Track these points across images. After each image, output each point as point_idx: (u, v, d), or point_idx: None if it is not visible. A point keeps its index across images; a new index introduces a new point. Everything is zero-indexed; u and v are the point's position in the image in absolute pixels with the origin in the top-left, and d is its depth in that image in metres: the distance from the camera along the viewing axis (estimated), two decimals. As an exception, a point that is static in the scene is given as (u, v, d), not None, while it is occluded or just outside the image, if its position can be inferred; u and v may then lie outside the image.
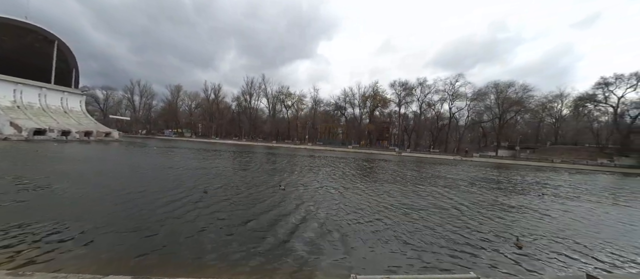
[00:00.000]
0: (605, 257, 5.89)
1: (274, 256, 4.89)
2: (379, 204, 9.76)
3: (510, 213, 9.84)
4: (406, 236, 6.42)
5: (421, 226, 7.42)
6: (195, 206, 8.05)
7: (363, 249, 5.49)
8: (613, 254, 6.10)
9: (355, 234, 6.36)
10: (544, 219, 9.30)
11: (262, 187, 11.82)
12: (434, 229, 7.19)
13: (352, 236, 6.22)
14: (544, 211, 10.51)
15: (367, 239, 6.06)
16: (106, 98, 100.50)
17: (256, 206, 8.58)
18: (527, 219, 9.12)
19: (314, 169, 20.86)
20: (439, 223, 7.76)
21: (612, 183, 23.60)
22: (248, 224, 6.66)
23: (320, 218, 7.56)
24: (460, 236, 6.72)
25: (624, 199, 14.72)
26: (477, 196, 13.03)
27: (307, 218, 7.52)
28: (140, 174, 13.85)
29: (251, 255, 4.87)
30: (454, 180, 18.99)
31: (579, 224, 8.83)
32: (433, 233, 6.83)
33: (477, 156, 52.56)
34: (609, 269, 5.25)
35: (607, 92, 50.33)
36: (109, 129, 50.92)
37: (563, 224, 8.59)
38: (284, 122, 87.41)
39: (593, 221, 9.39)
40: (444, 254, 5.46)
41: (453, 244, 6.07)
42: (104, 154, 24.23)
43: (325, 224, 7.00)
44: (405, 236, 6.47)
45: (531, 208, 10.87)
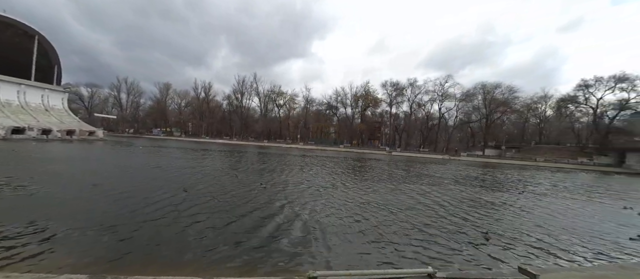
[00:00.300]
0: (565, 249, 6.12)
1: (241, 253, 4.85)
2: (362, 202, 9.83)
3: (488, 208, 10.10)
4: (382, 230, 6.50)
5: (398, 221, 7.52)
6: (176, 207, 7.88)
7: (338, 245, 5.51)
8: (574, 246, 6.35)
9: (332, 231, 6.37)
10: (520, 214, 9.60)
11: (244, 188, 11.71)
12: (411, 224, 7.30)
13: (329, 233, 6.23)
14: (521, 207, 10.85)
15: (344, 235, 6.09)
16: (91, 96, 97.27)
17: (239, 206, 8.48)
18: (503, 214, 9.39)
19: (304, 168, 20.83)
20: (416, 219, 7.88)
21: (589, 181, 24.60)
22: (230, 225, 6.56)
23: (300, 216, 7.55)
24: (434, 230, 6.85)
25: (598, 196, 15.38)
26: (459, 193, 13.32)
27: (288, 217, 7.49)
28: (119, 174, 13.48)
29: (217, 253, 4.82)
30: (439, 178, 19.35)
31: (551, 219, 9.15)
32: (408, 228, 6.93)
33: (465, 156, 53.74)
34: (568, 260, 5.45)
35: (587, 94, 52.50)
36: (93, 128, 49.22)
37: (536, 219, 8.89)
38: (275, 122, 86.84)
39: (567, 216, 9.76)
40: (414, 248, 5.56)
41: (425, 239, 6.18)
42: (84, 154, 23.44)
43: (307, 223, 7.00)
44: (381, 230, 6.54)
45: (509, 204, 11.20)
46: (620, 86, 47.01)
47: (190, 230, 5.88)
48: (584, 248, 6.27)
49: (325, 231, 6.37)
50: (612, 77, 48.09)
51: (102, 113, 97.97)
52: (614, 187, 20.43)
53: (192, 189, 10.33)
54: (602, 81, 49.41)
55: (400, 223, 7.45)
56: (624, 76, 46.40)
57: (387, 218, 7.83)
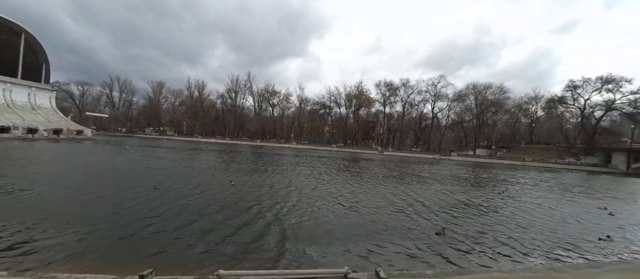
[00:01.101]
0: (514, 248, 6.21)
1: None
2: (334, 202, 9.87)
3: (458, 207, 10.20)
4: (339, 230, 6.53)
5: (362, 222, 7.56)
6: (139, 206, 7.83)
7: (290, 246, 5.52)
8: (525, 246, 6.44)
9: (290, 232, 6.38)
10: (488, 213, 9.73)
11: (213, 189, 11.67)
12: (375, 223, 7.34)
13: (288, 233, 6.25)
14: (493, 206, 10.98)
15: (298, 236, 6.11)
16: (82, 94, 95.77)
17: (204, 206, 8.45)
18: (471, 213, 9.48)
19: (286, 167, 20.81)
20: (381, 218, 7.94)
21: (573, 181, 24.98)
22: (192, 224, 6.53)
23: (267, 216, 7.55)
24: (392, 229, 6.91)
25: (576, 196, 15.64)
26: (435, 193, 13.42)
27: (254, 217, 7.49)
28: (93, 173, 13.32)
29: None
30: (421, 177, 19.48)
31: (517, 217, 9.27)
32: (369, 227, 6.98)
33: (456, 155, 54.21)
34: (515, 259, 5.54)
35: (575, 95, 53.37)
36: (81, 127, 48.51)
37: (503, 218, 9.01)
38: (269, 121, 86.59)
39: (534, 215, 9.88)
40: (367, 246, 5.61)
41: (383, 238, 6.23)
42: (64, 154, 23.11)
43: (266, 223, 7.00)
44: (339, 231, 6.57)
45: (480, 203, 11.32)
46: (606, 87, 47.95)
47: (137, 227, 5.85)
48: (540, 248, 6.36)
49: (285, 231, 6.38)
50: (599, 78, 49.02)
51: (94, 112, 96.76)
52: (596, 187, 20.80)
53: (165, 188, 10.29)
54: (590, 82, 50.35)
55: (363, 223, 7.49)
56: (610, 77, 47.28)
57: (351, 219, 7.87)
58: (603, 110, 49.51)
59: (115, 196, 8.70)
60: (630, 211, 11.92)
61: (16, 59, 47.76)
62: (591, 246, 6.69)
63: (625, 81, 45.49)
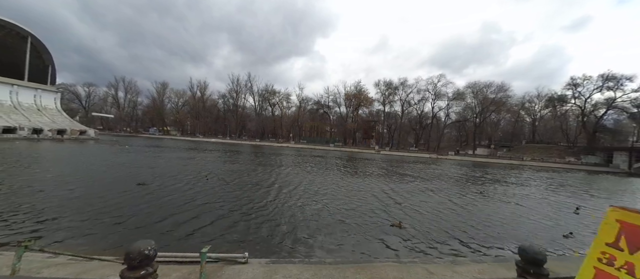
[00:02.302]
0: (463, 241, 6.53)
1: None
2: (309, 198, 10.27)
3: (431, 204, 10.48)
4: (301, 225, 6.94)
5: (327, 221, 7.95)
6: (119, 199, 8.37)
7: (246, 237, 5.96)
8: (473, 240, 6.74)
9: (248, 225, 6.82)
10: (456, 209, 9.99)
11: (192, 185, 12.17)
12: (341, 223, 7.72)
13: (249, 227, 6.69)
14: (466, 203, 11.21)
15: (259, 230, 6.55)
16: (88, 95, 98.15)
17: (188, 201, 8.95)
18: (440, 209, 9.76)
19: (276, 166, 21.27)
20: (348, 216, 8.31)
21: (562, 179, 24.81)
22: (165, 220, 7.03)
23: (234, 211, 8.00)
24: (356, 227, 7.28)
25: (552, 194, 15.70)
26: (414, 195, 13.69)
27: (225, 213, 7.95)
28: (83, 169, 13.98)
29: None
30: (409, 176, 19.71)
31: (483, 214, 9.50)
32: (332, 225, 7.37)
33: (452, 154, 53.96)
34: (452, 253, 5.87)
35: (576, 93, 52.58)
36: (85, 127, 49.94)
37: (468, 214, 9.26)
38: (269, 121, 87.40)
39: (502, 213, 10.08)
40: (327, 241, 6.01)
41: (342, 235, 6.62)
42: (63, 155, 24.02)
43: (234, 218, 7.45)
44: (300, 227, 6.98)
45: (457, 200, 11.56)
46: (607, 85, 47.13)
47: (102, 217, 6.37)
48: (489, 244, 6.65)
49: (248, 226, 6.83)
50: (600, 76, 48.23)
51: (101, 112, 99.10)
52: (586, 187, 20.68)
53: (150, 183, 10.87)
54: (591, 79, 49.57)
55: (327, 221, 7.88)
56: (611, 75, 46.50)
57: (315, 212, 8.26)
58: (604, 108, 48.70)
59: (100, 193, 9.26)
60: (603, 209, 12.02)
61: (23, 62, 49.36)
62: (546, 243, 6.96)
63: (626, 78, 44.73)
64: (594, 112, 50.28)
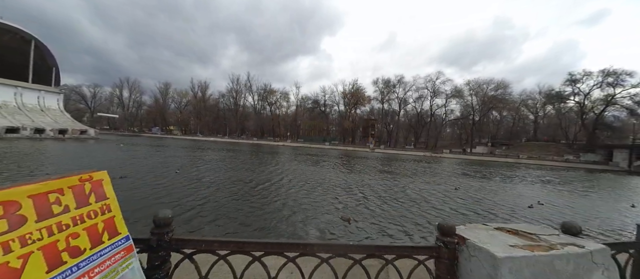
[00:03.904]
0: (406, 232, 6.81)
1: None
2: (275, 193, 10.67)
3: (399, 200, 10.73)
4: (248, 218, 7.34)
5: (285, 217, 8.32)
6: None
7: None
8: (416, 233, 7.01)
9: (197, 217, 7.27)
10: (420, 203, 10.23)
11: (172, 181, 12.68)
12: (297, 219, 8.09)
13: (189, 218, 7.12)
14: (435, 199, 11.41)
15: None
16: (94, 95, 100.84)
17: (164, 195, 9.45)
18: (404, 204, 10.00)
19: (262, 164, 21.73)
20: (307, 211, 8.65)
21: (551, 177, 24.54)
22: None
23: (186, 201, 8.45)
24: (312, 219, 7.63)
25: (530, 191, 15.69)
26: (390, 186, 13.92)
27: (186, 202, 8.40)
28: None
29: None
30: (385, 172, 19.88)
31: (445, 209, 9.71)
32: (282, 210, 7.74)
33: (447, 152, 53.55)
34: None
35: (575, 89, 51.43)
36: (85, 127, 51.58)
37: (429, 210, 9.48)
38: (268, 120, 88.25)
39: (466, 208, 10.27)
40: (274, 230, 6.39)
41: (281, 221, 6.99)
42: (61, 151, 25.00)
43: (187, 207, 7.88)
44: (249, 220, 7.38)
45: (427, 195, 11.75)
46: (607, 81, 45.94)
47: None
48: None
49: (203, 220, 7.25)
50: (600, 71, 47.04)
51: (107, 112, 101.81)
52: (580, 188, 20.45)
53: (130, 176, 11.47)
54: (591, 75, 48.37)
55: (285, 217, 8.24)
56: (611, 71, 45.29)
57: (275, 205, 8.63)
58: (603, 105, 47.51)
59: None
60: (575, 206, 12.03)
61: (27, 64, 51.18)
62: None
63: (626, 74, 43.50)
64: (594, 109, 49.10)
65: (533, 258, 1.36)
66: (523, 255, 1.36)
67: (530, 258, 1.36)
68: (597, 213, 11.02)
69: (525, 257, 1.36)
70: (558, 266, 1.38)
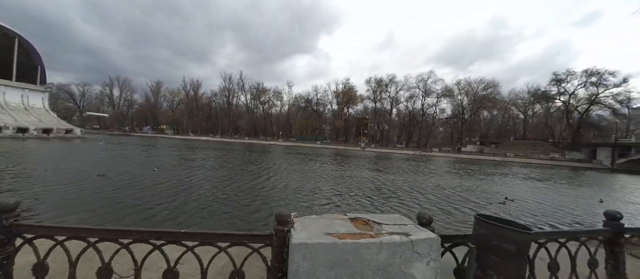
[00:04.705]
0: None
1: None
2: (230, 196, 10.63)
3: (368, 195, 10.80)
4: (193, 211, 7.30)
5: (235, 210, 8.29)
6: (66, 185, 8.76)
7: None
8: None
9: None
10: (390, 199, 10.31)
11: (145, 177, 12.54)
12: (244, 212, 8.07)
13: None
14: (408, 196, 11.53)
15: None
16: (83, 94, 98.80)
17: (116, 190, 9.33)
18: (372, 204, 10.08)
19: (245, 164, 21.62)
20: (254, 205, 8.65)
21: (532, 174, 25.00)
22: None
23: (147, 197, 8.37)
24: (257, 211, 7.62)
25: (500, 187, 15.95)
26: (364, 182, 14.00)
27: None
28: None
29: None
30: (369, 168, 20.00)
31: (414, 203, 9.82)
32: (232, 212, 7.72)
33: (436, 151, 54.10)
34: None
35: (561, 89, 52.44)
36: (71, 126, 50.54)
37: (394, 204, 9.58)
38: (260, 119, 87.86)
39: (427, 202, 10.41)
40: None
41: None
42: (44, 151, 24.47)
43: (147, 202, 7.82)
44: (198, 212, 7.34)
45: (399, 190, 11.87)
46: (591, 81, 46.97)
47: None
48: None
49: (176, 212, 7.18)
50: (584, 71, 48.06)
51: (97, 112, 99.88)
52: (557, 185, 20.85)
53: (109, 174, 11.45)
54: (575, 75, 49.38)
55: (233, 211, 8.22)
56: (594, 71, 46.32)
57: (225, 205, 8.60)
58: (588, 104, 48.56)
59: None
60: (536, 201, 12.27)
61: (10, 62, 49.88)
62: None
63: (609, 74, 44.56)
64: (578, 108, 50.14)
65: (333, 246, 1.39)
66: (319, 242, 1.39)
67: (329, 246, 1.39)
68: (563, 207, 11.29)
69: (322, 244, 1.38)
70: (365, 255, 1.40)
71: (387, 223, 1.79)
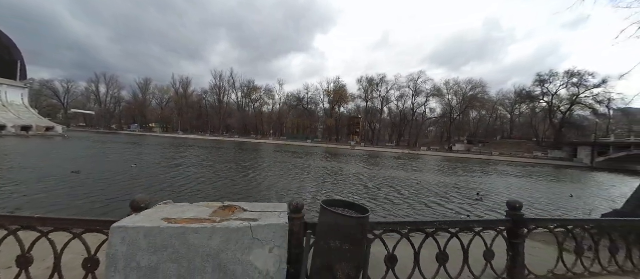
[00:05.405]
0: None
1: None
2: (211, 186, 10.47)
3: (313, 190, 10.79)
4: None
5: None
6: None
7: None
8: None
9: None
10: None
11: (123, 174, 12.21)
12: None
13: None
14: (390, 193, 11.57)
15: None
16: (67, 91, 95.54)
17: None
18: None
19: (226, 162, 21.35)
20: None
21: (518, 172, 25.56)
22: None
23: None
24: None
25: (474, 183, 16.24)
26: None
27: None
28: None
29: None
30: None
31: (391, 199, 9.86)
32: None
33: (425, 150, 54.79)
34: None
35: (544, 89, 53.86)
36: (52, 123, 48.95)
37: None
38: (251, 117, 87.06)
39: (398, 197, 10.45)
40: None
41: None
42: (22, 149, 23.58)
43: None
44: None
45: (377, 185, 11.90)
46: (572, 82, 48.40)
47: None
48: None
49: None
50: (565, 72, 49.46)
51: (84, 109, 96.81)
52: (534, 182, 21.34)
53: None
54: (558, 76, 50.76)
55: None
56: (575, 72, 47.75)
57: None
58: (569, 104, 50.03)
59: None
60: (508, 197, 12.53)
61: (-12, 57, 47.87)
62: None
63: (588, 74, 46.03)
64: (560, 108, 51.60)
65: (156, 230, 1.32)
66: (140, 226, 1.31)
67: (152, 230, 1.32)
68: (531, 202, 11.55)
69: (143, 228, 1.31)
70: (194, 240, 1.33)
71: (255, 211, 1.73)
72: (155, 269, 1.29)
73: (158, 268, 1.29)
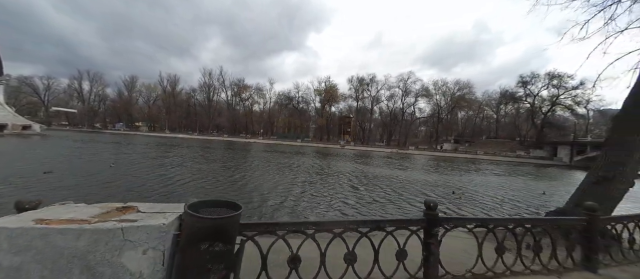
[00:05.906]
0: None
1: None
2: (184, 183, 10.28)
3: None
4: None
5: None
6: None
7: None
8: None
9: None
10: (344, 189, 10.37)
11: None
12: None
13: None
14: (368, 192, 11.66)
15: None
16: (48, 87, 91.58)
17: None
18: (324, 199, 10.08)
19: (209, 162, 21.05)
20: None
21: (500, 171, 26.31)
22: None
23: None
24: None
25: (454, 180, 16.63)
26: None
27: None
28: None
29: None
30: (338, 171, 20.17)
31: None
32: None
33: (413, 149, 55.69)
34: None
35: (527, 91, 55.73)
36: (29, 122, 46.91)
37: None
38: (241, 116, 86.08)
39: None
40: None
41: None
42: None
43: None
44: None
45: (353, 180, 11.98)
46: (552, 83, 50.27)
47: None
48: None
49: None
50: (546, 74, 51.32)
51: (66, 107, 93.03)
52: (512, 180, 22.01)
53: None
54: (539, 77, 52.62)
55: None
56: (555, 74, 49.65)
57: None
58: (550, 105, 51.98)
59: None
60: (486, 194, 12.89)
61: (-41, 51, 45.27)
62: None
63: (567, 76, 47.94)
64: (542, 109, 53.55)
65: (19, 230, 1.29)
66: (2, 227, 1.29)
67: (15, 230, 1.29)
68: (503, 198, 11.93)
69: (6, 229, 1.29)
70: (59, 241, 1.31)
71: (150, 211, 1.71)
72: (18, 269, 1.28)
73: (21, 269, 1.28)
